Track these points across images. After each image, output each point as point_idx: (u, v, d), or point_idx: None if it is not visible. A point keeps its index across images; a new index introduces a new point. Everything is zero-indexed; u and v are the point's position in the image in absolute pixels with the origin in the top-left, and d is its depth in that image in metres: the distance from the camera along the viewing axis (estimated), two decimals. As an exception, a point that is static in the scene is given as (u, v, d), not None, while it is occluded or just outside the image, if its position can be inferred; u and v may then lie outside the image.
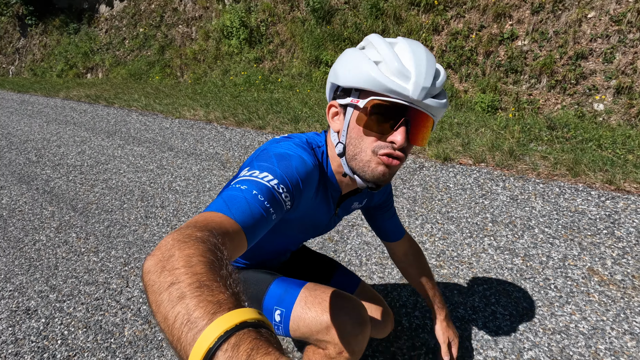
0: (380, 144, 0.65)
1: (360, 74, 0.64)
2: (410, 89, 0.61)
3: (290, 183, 0.62)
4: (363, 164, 0.68)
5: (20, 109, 5.76)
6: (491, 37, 4.79)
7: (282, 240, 0.89)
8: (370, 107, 0.64)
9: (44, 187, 2.67)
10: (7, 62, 12.75)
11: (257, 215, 0.53)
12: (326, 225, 0.89)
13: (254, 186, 0.56)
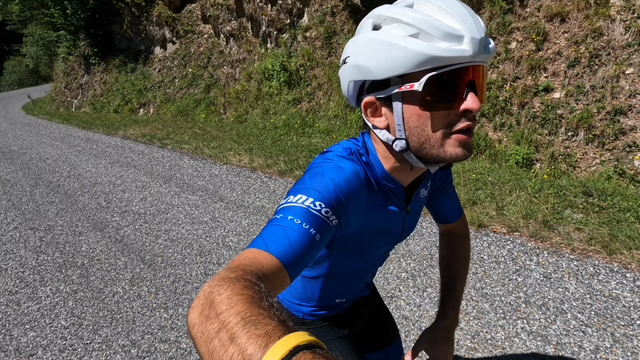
0: (452, 119, 0.57)
1: (406, 57, 0.54)
2: (469, 48, 0.54)
3: (329, 197, 0.59)
4: (436, 150, 0.60)
5: (87, 147, 6.48)
6: (526, 89, 4.90)
7: (357, 258, 0.80)
8: (431, 84, 0.55)
9: (115, 235, 3.06)
10: (71, 96, 14.20)
11: (296, 241, 0.51)
12: (401, 227, 0.80)
13: (289, 212, 0.54)
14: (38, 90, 21.34)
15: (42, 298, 2.36)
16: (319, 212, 0.56)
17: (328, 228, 0.57)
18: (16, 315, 2.23)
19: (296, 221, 0.53)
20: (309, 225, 0.53)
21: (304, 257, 0.52)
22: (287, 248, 0.50)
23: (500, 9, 5.36)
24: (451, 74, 0.55)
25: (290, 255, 0.50)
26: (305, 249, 0.52)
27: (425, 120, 0.58)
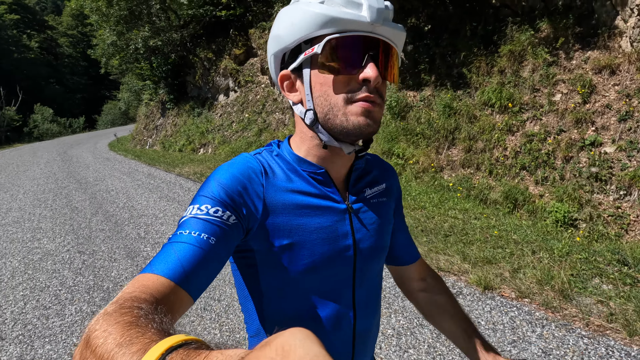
0: (353, 87, 0.58)
1: (308, 18, 0.57)
2: (366, 14, 0.55)
3: (216, 197, 0.56)
4: (340, 119, 0.59)
5: (146, 182, 7.29)
6: (571, 142, 4.62)
7: (304, 289, 0.66)
8: (329, 48, 0.57)
9: (142, 264, 3.38)
10: (147, 136, 16.17)
11: (185, 253, 0.49)
12: (349, 230, 0.68)
13: (179, 228, 0.53)
14: (124, 130, 24.68)
15: (67, 315, 2.66)
16: (206, 215, 0.53)
17: (225, 227, 0.54)
18: (42, 329, 2.54)
19: (184, 233, 0.51)
20: (199, 232, 0.51)
21: (200, 267, 0.49)
22: (175, 264, 0.47)
23: (543, 61, 5.24)
24: (351, 39, 0.56)
25: (179, 270, 0.47)
26: (200, 258, 0.49)
27: (328, 88, 0.59)
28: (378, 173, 0.77)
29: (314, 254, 0.64)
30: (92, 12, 13.63)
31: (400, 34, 0.61)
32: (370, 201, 0.73)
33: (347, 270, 0.69)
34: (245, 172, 0.62)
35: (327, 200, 0.67)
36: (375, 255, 0.73)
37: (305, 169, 0.66)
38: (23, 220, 5.43)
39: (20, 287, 3.24)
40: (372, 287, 0.75)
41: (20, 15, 44.88)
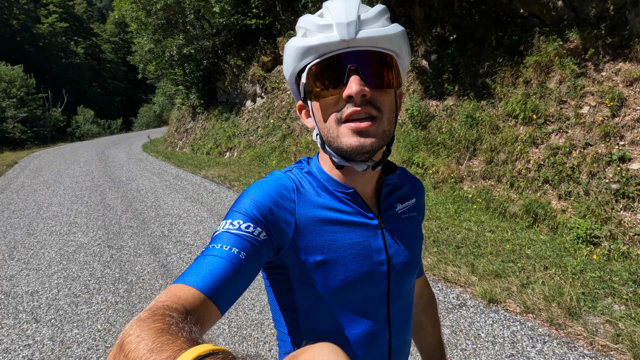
0: (340, 107, 0.58)
1: (292, 53, 0.61)
2: (336, 33, 0.56)
3: (248, 213, 0.58)
4: (335, 142, 0.60)
5: (173, 183, 7.66)
6: (597, 157, 4.47)
7: (339, 305, 0.66)
8: (312, 75, 0.59)
9: (163, 260, 3.60)
10: (178, 138, 16.88)
11: (216, 267, 0.50)
12: (382, 245, 0.68)
13: (212, 242, 0.54)
14: (157, 132, 25.85)
15: (93, 304, 2.90)
16: (238, 230, 0.55)
17: (255, 243, 0.55)
18: (72, 314, 2.78)
19: (217, 247, 0.53)
20: (230, 246, 0.53)
21: (229, 281, 0.50)
22: (206, 276, 0.49)
23: (571, 72, 5.11)
24: (328, 61, 0.58)
25: (209, 283, 0.48)
26: (230, 272, 0.50)
27: (323, 112, 0.60)
28: (409, 188, 0.77)
29: (348, 270, 0.64)
30: (132, 21, 14.48)
31: (389, 36, 0.59)
32: (401, 216, 0.73)
33: (381, 286, 0.69)
34: (278, 189, 0.63)
35: (359, 217, 0.67)
36: (408, 270, 0.72)
37: (335, 189, 0.67)
38: (61, 214, 5.87)
39: (55, 276, 3.54)
40: (406, 303, 0.75)
41: (69, 24, 48.17)
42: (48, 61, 40.24)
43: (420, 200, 0.79)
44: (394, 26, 0.61)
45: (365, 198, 0.70)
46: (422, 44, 7.82)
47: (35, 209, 6.37)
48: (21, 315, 2.83)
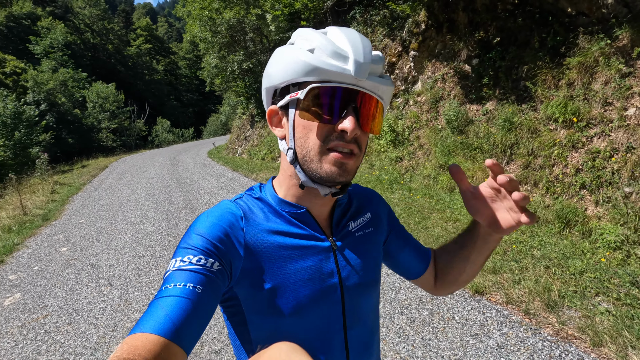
0: (330, 135, 0.60)
1: (294, 64, 0.59)
2: (351, 68, 0.57)
3: (197, 246, 0.57)
4: (315, 165, 0.60)
5: (227, 184, 8.60)
6: (639, 161, 4.27)
7: (294, 334, 0.64)
8: (312, 95, 0.59)
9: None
10: (238, 145, 18.37)
11: (173, 306, 0.48)
12: (335, 268, 0.68)
13: (164, 283, 0.53)
14: (222, 140, 28.13)
15: (151, 276, 3.65)
16: (190, 265, 0.54)
17: (209, 274, 0.54)
18: (135, 282, 3.55)
19: (169, 286, 0.51)
20: (184, 283, 0.51)
21: (189, 318, 0.48)
22: (164, 319, 0.47)
23: (617, 72, 4.89)
24: (333, 90, 0.58)
25: (168, 325, 0.46)
26: (189, 309, 0.49)
27: (308, 132, 0.60)
28: (360, 203, 0.77)
29: (299, 296, 0.62)
30: (200, 41, 16.23)
31: (386, 88, 0.63)
32: (355, 235, 0.72)
33: (335, 310, 0.67)
34: (225, 217, 0.62)
35: (310, 240, 0.66)
36: (365, 291, 0.70)
37: (286, 210, 0.66)
38: (136, 209, 7.03)
39: (126, 255, 4.43)
40: (366, 326, 0.72)
41: (152, 45, 54.55)
42: (134, 78, 45.97)
43: (377, 212, 0.78)
44: (389, 78, 0.65)
45: (320, 220, 0.70)
46: (464, 48, 7.83)
47: (117, 204, 7.69)
48: (101, 281, 3.70)
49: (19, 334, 2.81)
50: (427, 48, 8.87)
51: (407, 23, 9.40)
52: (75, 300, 3.30)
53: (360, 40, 0.61)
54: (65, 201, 8.38)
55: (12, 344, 2.70)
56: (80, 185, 10.62)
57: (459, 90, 7.68)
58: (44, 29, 33.88)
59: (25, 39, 32.47)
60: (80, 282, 3.69)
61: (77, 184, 10.81)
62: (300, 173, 0.63)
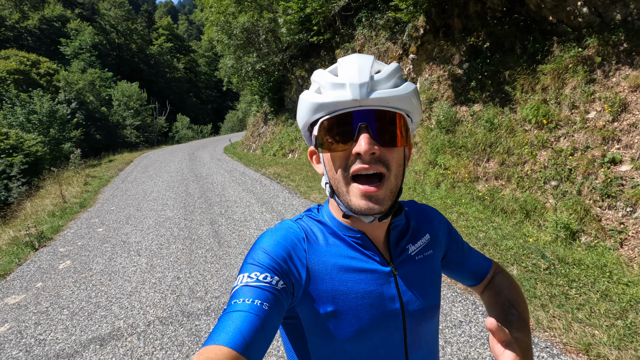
0: (349, 162, 0.61)
1: (306, 106, 0.64)
2: (349, 93, 0.59)
3: (263, 264, 0.60)
4: (344, 197, 0.62)
5: (238, 178, 9.50)
6: (593, 159, 4.85)
7: (354, 358, 0.65)
8: (323, 129, 0.63)
9: (216, 229, 5.14)
10: (252, 141, 19.33)
11: (243, 321, 0.51)
12: (396, 293, 0.67)
13: (233, 297, 0.55)
14: (239, 136, 29.22)
15: (170, 249, 4.54)
16: (257, 282, 0.57)
17: (275, 292, 0.57)
18: (158, 253, 4.46)
19: (239, 302, 0.54)
20: (252, 299, 0.54)
21: (258, 334, 0.51)
22: (235, 333, 0.50)
23: (583, 78, 5.44)
24: (337, 118, 0.61)
25: (239, 339, 0.49)
26: (257, 324, 0.52)
27: (333, 163, 0.64)
28: (418, 224, 0.77)
29: (360, 321, 0.64)
30: (217, 43, 17.20)
31: (400, 97, 0.62)
32: (415, 258, 0.72)
33: (397, 335, 0.67)
34: (288, 237, 0.65)
35: (370, 264, 0.67)
36: (427, 316, 0.70)
37: (345, 234, 0.69)
38: (159, 198, 8.01)
39: (151, 234, 5.36)
40: (428, 350, 0.73)
41: (173, 43, 56.32)
42: (156, 76, 47.77)
43: (436, 233, 0.78)
44: (405, 86, 0.63)
45: (377, 243, 0.70)
46: (457, 52, 8.42)
47: (142, 194, 8.71)
48: (131, 253, 4.65)
49: (74, 286, 3.79)
50: (425, 51, 9.46)
51: (407, 27, 10.00)
52: (112, 265, 4.28)
53: (356, 62, 0.62)
54: (97, 192, 9.48)
55: (69, 293, 3.76)
56: (109, 178, 11.78)
57: (451, 93, 8.28)
58: (73, 30, 35.85)
59: (55, 41, 34.49)
60: (115, 253, 4.64)
61: (106, 177, 11.99)
62: (340, 205, 0.65)
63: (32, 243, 5.25)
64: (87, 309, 3.26)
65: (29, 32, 34.38)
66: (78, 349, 2.59)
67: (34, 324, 3.11)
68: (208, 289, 3.31)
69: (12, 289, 3.98)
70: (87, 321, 3.03)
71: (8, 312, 3.39)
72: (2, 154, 11.86)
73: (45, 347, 2.70)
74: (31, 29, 34.38)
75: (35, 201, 8.65)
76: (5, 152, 11.98)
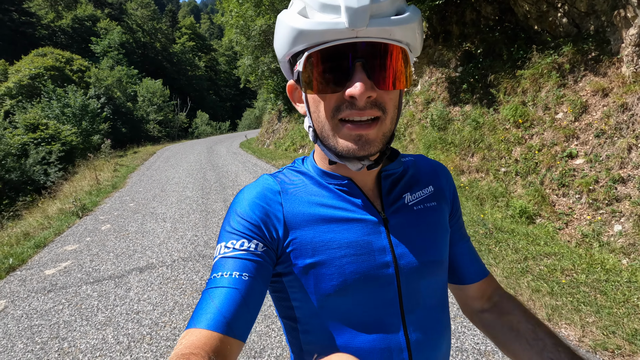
0: (340, 105, 0.52)
1: (287, 33, 0.52)
2: (344, 19, 0.47)
3: (239, 229, 0.56)
4: (331, 141, 0.55)
5: (250, 168, 10.49)
6: (555, 154, 5.56)
7: (340, 315, 0.59)
8: (309, 64, 0.51)
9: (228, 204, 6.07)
10: (267, 137, 20.36)
11: (223, 299, 0.49)
12: (387, 244, 0.61)
13: (213, 271, 0.53)
14: (254, 132, 30.37)
15: (191, 221, 5.49)
16: (233, 251, 0.54)
17: (256, 258, 0.54)
18: (180, 220, 5.42)
19: (217, 276, 0.51)
20: (230, 272, 0.51)
21: (240, 309, 0.49)
22: (215, 313, 0.48)
23: (555, 82, 6.13)
24: (328, 51, 0.50)
25: (219, 319, 0.47)
26: (238, 299, 0.49)
27: (319, 105, 0.54)
28: (419, 174, 0.69)
29: (344, 273, 0.58)
30: (236, 44, 18.30)
31: (404, 27, 0.50)
32: (413, 208, 0.65)
33: (388, 291, 0.60)
34: (262, 194, 0.61)
35: (357, 212, 0.61)
36: (426, 271, 0.62)
37: (329, 182, 0.63)
38: (180, 183, 9.07)
39: (173, 208, 6.37)
40: (431, 310, 0.64)
41: (195, 42, 58.23)
42: (178, 74, 49.62)
43: (441, 187, 0.70)
44: (411, 12, 0.52)
45: (365, 190, 0.64)
46: (454, 57, 9.16)
47: (165, 179, 9.82)
48: (159, 219, 5.68)
49: (115, 240, 4.83)
50: (426, 55, 10.21)
51: (409, 33, 10.73)
52: (144, 228, 5.32)
53: None
54: (125, 177, 10.65)
55: (112, 243, 4.82)
56: (135, 166, 13.00)
57: (446, 94, 9.01)
58: (103, 29, 37.89)
59: (86, 39, 36.56)
60: (145, 220, 5.67)
61: (132, 165, 13.22)
62: (325, 150, 0.58)
63: (77, 212, 6.33)
64: (127, 252, 4.29)
65: (62, 30, 36.58)
66: (124, 273, 3.62)
67: (89, 260, 4.15)
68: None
69: (68, 241, 5.06)
70: (128, 259, 4.04)
71: (68, 254, 4.48)
72: (43, 142, 13.24)
73: (100, 272, 3.73)
74: (64, 27, 36.58)
75: (72, 183, 9.87)
76: (45, 141, 13.36)
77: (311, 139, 0.60)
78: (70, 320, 2.76)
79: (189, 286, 3.14)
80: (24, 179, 11.20)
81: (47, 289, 3.44)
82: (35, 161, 11.93)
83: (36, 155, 12.12)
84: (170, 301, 2.90)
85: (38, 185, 11.51)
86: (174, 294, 3.00)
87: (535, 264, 3.02)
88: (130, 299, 3.00)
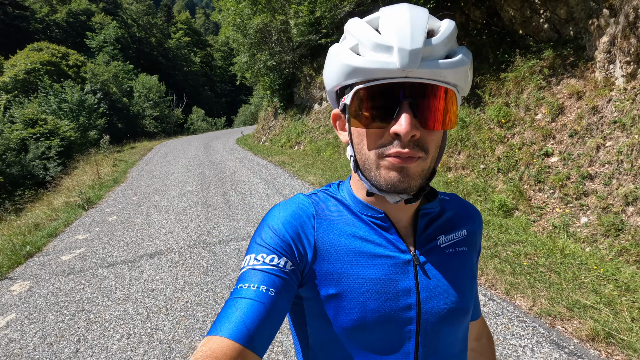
0: (385, 142, 0.53)
1: (338, 66, 0.54)
2: (395, 60, 0.49)
3: (270, 244, 0.57)
4: (373, 173, 0.55)
5: (248, 164, 10.82)
6: (534, 152, 5.99)
7: (353, 350, 0.59)
8: (357, 99, 0.53)
9: (227, 199, 6.43)
10: (263, 134, 20.66)
11: (247, 310, 0.49)
12: (414, 286, 0.59)
13: (240, 281, 0.53)
14: (250, 129, 30.63)
15: (193, 212, 5.83)
16: (263, 265, 0.54)
17: (283, 275, 0.54)
18: (182, 212, 5.76)
19: (244, 287, 0.52)
20: (258, 284, 0.52)
21: (263, 323, 0.49)
22: (239, 324, 0.48)
23: (535, 85, 6.55)
24: (378, 88, 0.51)
25: (243, 331, 0.48)
26: (262, 313, 0.50)
27: (362, 138, 0.55)
28: (456, 216, 0.69)
29: (364, 310, 0.57)
30: (232, 41, 18.54)
31: (455, 70, 0.52)
32: (444, 251, 0.64)
33: (405, 335, 0.59)
34: (296, 214, 0.61)
35: (388, 248, 0.60)
36: (449, 320, 0.61)
37: (363, 213, 0.62)
38: (179, 177, 9.38)
39: (175, 201, 6.69)
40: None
41: (190, 37, 58.03)
42: (174, 69, 49.52)
43: (473, 232, 0.70)
44: (463, 55, 0.53)
45: (399, 226, 0.63)
46: (443, 59, 9.54)
47: (165, 174, 10.12)
48: (162, 212, 6.01)
49: (123, 230, 5.16)
50: (417, 56, 10.56)
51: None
52: (149, 219, 5.63)
53: (409, 21, 0.50)
54: (125, 172, 10.93)
55: (121, 233, 5.12)
56: (134, 162, 13.27)
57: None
58: (97, 24, 37.73)
59: (81, 34, 36.41)
60: (150, 212, 6.01)
61: (131, 160, 13.48)
62: (364, 181, 0.58)
63: (83, 205, 6.65)
64: (136, 241, 4.63)
65: (57, 24, 36.38)
66: (135, 259, 3.97)
67: (102, 248, 4.48)
68: (220, 231, 4.64)
69: (78, 231, 5.37)
70: (138, 246, 4.39)
71: (81, 242, 4.79)
72: (42, 138, 13.45)
73: (113, 258, 4.07)
74: (59, 21, 36.37)
75: (73, 178, 10.14)
76: (44, 136, 13.57)
77: (352, 169, 0.61)
78: (93, 297, 3.12)
79: (196, 269, 3.51)
80: (24, 174, 11.44)
81: (67, 272, 3.77)
82: (35, 156, 12.15)
83: (36, 150, 12.34)
84: (181, 281, 3.27)
85: (37, 180, 11.75)
86: (184, 275, 3.37)
87: (504, 250, 3.43)
88: (144, 280, 3.36)
